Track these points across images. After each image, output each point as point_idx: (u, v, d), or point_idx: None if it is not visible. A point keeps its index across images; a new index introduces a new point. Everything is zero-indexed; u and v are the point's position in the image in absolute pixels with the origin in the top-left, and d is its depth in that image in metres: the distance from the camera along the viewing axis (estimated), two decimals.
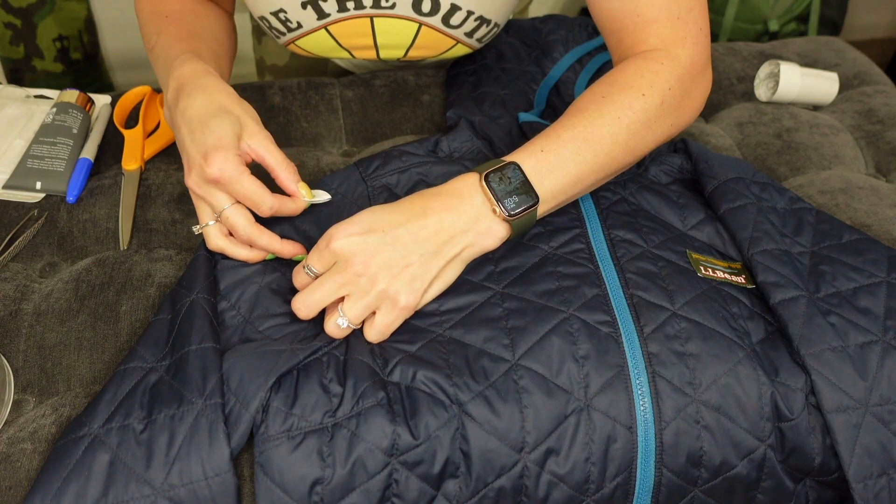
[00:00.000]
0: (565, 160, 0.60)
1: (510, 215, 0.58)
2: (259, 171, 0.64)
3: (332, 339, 0.58)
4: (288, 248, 0.63)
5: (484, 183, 0.58)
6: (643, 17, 0.67)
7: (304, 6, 0.76)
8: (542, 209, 0.61)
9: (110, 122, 0.86)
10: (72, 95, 0.84)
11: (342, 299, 0.58)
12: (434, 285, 0.59)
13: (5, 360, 0.64)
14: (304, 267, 0.59)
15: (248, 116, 0.63)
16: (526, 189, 0.58)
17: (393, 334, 0.58)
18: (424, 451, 0.54)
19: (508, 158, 0.60)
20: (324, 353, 0.57)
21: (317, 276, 0.59)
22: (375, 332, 0.58)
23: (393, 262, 0.56)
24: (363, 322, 0.58)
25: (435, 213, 0.58)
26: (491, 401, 0.54)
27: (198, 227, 0.64)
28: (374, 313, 0.58)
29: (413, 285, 0.57)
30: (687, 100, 0.67)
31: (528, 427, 0.54)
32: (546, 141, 0.61)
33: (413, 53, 0.83)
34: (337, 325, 0.58)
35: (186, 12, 0.76)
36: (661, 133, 0.66)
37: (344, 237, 0.57)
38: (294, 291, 0.62)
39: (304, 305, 0.58)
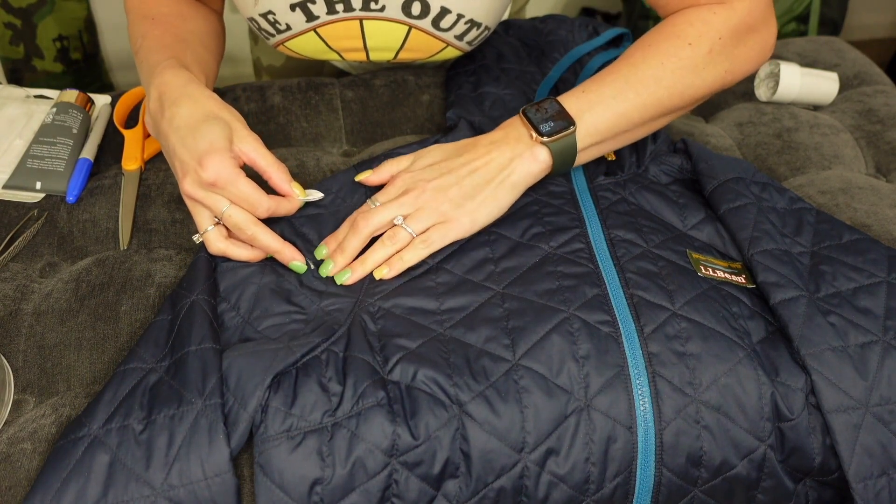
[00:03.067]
0: (606, 98, 0.65)
1: (546, 138, 0.63)
2: (250, 172, 0.63)
3: (330, 336, 0.58)
4: (288, 252, 0.63)
5: (522, 115, 0.66)
6: None
7: (292, 8, 0.75)
8: (587, 142, 0.65)
9: (110, 122, 0.86)
10: (72, 95, 0.84)
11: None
12: (486, 206, 0.64)
13: (5, 360, 0.64)
14: (370, 202, 0.66)
15: (236, 121, 0.64)
16: (561, 116, 0.64)
17: (393, 330, 0.58)
18: (424, 451, 0.54)
19: (550, 97, 0.66)
20: (322, 350, 0.57)
21: None
22: (419, 251, 0.63)
23: (447, 185, 0.64)
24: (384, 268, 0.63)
25: (483, 147, 0.66)
26: (491, 401, 0.54)
27: (197, 235, 0.64)
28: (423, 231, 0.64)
29: (466, 204, 0.63)
30: (742, 48, 0.68)
31: (529, 427, 0.54)
32: (589, 84, 0.67)
33: (403, 56, 0.83)
34: (395, 226, 0.63)
35: (173, 15, 0.76)
36: (711, 79, 0.68)
37: (406, 173, 0.66)
38: (293, 294, 0.62)
39: (365, 222, 0.63)
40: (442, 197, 0.63)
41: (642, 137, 0.71)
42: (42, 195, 0.77)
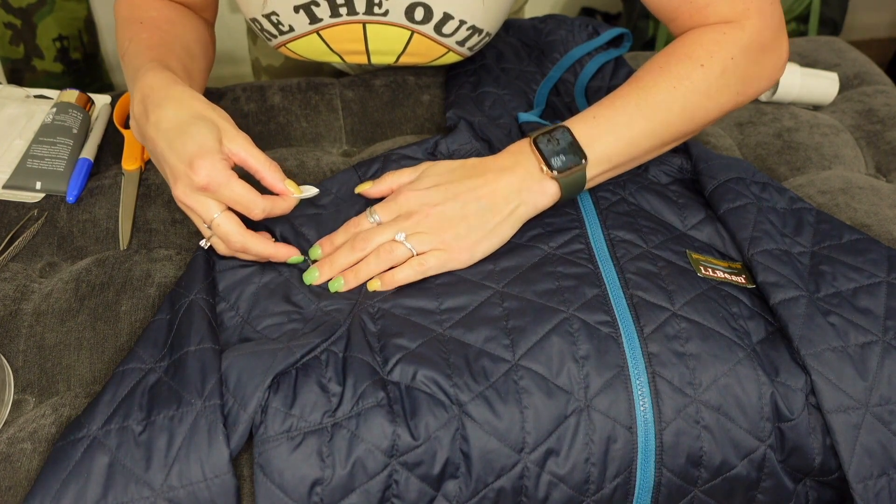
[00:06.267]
0: (617, 125, 0.64)
1: (557, 173, 0.62)
2: (242, 173, 0.62)
3: (330, 336, 0.58)
4: (282, 251, 0.63)
5: (533, 145, 0.63)
6: (696, 3, 0.67)
7: (296, 10, 0.75)
8: (596, 171, 0.64)
9: (110, 122, 0.86)
10: (72, 95, 0.84)
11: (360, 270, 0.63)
12: (487, 240, 0.62)
13: (5, 360, 0.64)
14: (368, 213, 0.64)
15: (223, 120, 0.62)
16: (573, 149, 0.62)
17: (393, 330, 0.58)
18: (424, 451, 0.54)
19: (561, 124, 0.64)
20: (322, 350, 0.57)
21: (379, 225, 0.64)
22: (415, 270, 0.61)
23: (452, 213, 0.62)
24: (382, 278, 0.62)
25: (492, 173, 0.63)
26: (491, 401, 0.54)
27: (204, 241, 0.64)
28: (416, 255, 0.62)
29: (469, 237, 0.62)
30: (754, 68, 0.67)
31: (528, 427, 0.54)
32: (599, 108, 0.65)
33: (404, 60, 0.83)
34: (395, 241, 0.62)
35: (162, 20, 0.74)
36: (724, 102, 0.67)
37: (410, 191, 0.64)
38: (292, 293, 0.62)
39: (365, 242, 0.62)
40: (446, 226, 0.62)
41: (651, 159, 0.70)
42: (42, 195, 0.77)
